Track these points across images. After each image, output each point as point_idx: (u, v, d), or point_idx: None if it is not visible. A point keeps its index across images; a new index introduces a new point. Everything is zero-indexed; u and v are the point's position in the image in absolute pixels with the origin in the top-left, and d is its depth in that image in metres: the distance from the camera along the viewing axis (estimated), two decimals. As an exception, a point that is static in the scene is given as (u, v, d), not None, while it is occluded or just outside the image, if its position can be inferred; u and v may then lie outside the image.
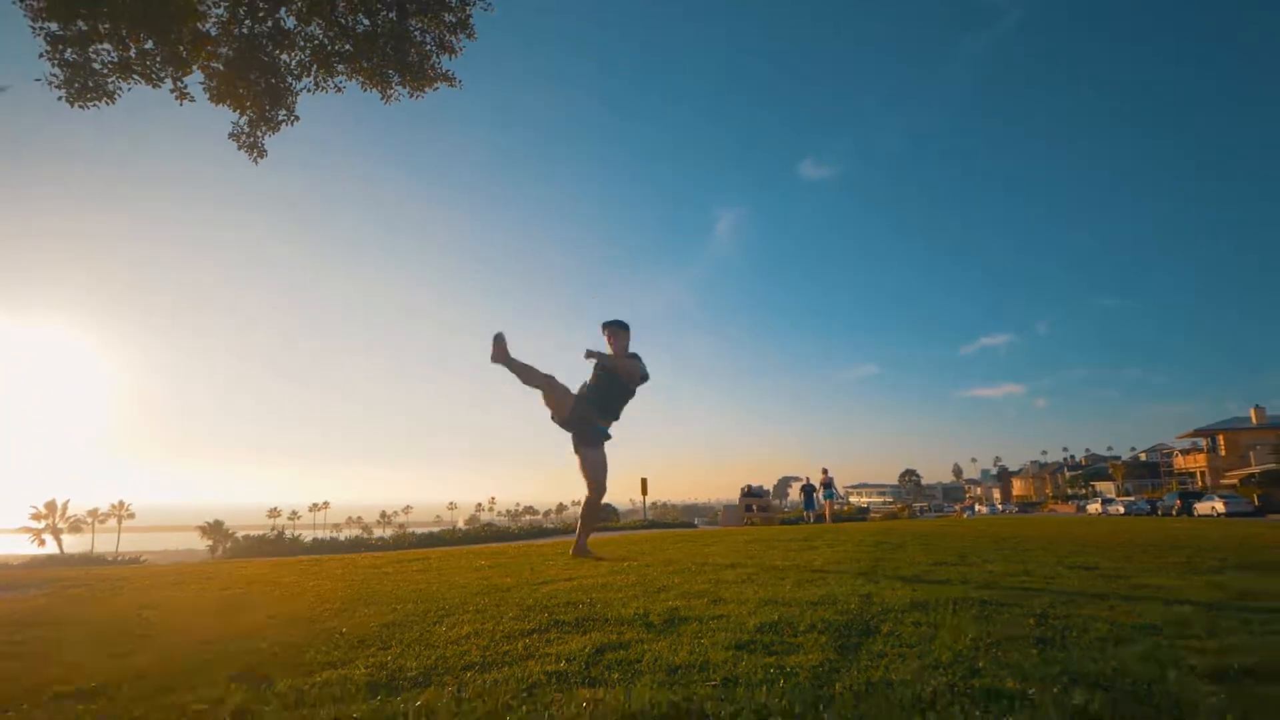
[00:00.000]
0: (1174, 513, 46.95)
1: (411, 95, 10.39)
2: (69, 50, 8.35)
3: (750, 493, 26.24)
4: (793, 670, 2.01)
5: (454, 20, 10.28)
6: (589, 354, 6.10)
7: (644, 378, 6.38)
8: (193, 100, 9.32)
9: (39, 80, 8.10)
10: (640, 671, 2.03)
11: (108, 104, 8.65)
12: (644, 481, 24.39)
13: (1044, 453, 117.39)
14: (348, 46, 10.17)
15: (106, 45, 8.61)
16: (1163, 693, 1.75)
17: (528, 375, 6.24)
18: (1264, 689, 1.80)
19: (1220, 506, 44.98)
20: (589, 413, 6.29)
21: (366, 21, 10.12)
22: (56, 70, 8.27)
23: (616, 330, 6.35)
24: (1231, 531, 12.24)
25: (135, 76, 8.72)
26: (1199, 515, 43.67)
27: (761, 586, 3.98)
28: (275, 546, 19.42)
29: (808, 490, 27.26)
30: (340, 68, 10.24)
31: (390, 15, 10.18)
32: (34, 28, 8.18)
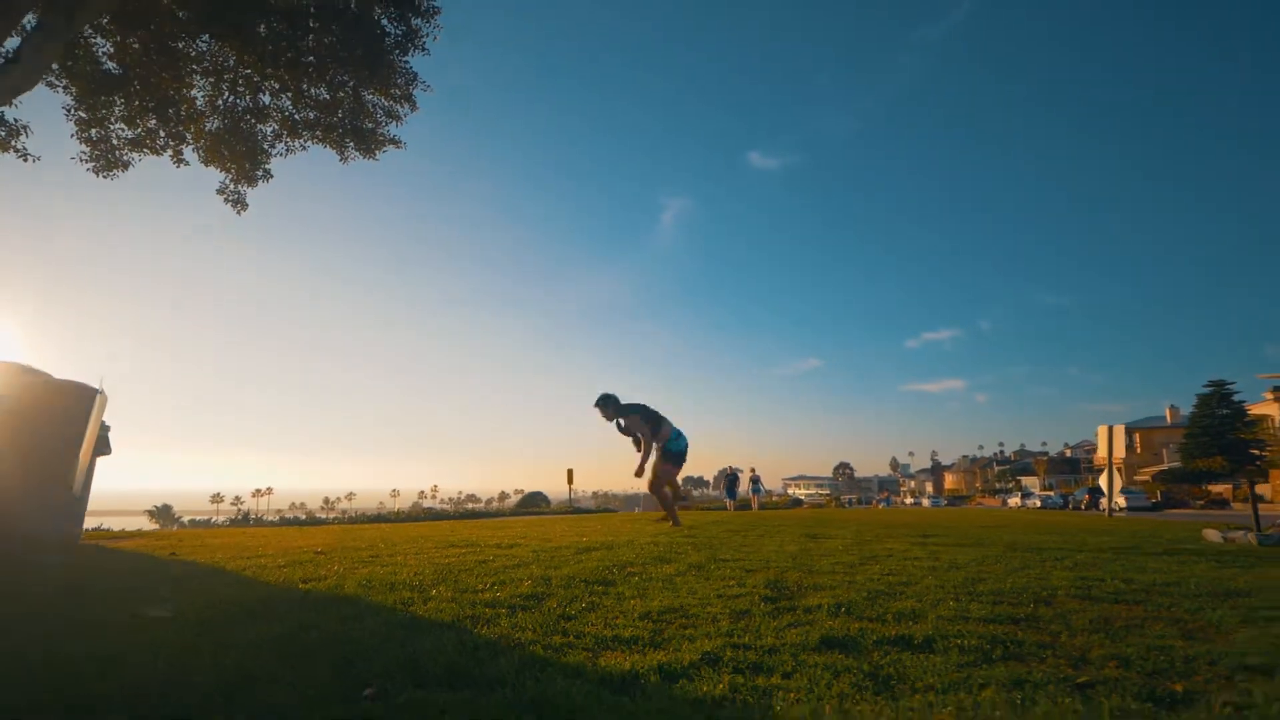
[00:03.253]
0: (1082, 507, 52.16)
1: (365, 157, 13.27)
2: (93, 130, 11.09)
3: (668, 484, 30.22)
4: (548, 556, 5.23)
5: (399, 94, 13.20)
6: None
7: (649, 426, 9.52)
8: (188, 164, 12.11)
9: (74, 158, 10.83)
10: (480, 552, 5.24)
11: (122, 173, 11.39)
12: (570, 472, 27.70)
13: (980, 447, 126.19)
14: (311, 114, 13.04)
15: (121, 125, 11.37)
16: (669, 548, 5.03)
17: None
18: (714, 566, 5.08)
19: (1121, 501, 50.36)
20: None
21: (327, 95, 12.96)
22: (84, 149, 11.00)
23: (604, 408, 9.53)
24: (1046, 519, 16.11)
25: (144, 149, 11.49)
26: (1102, 509, 48.93)
27: (578, 535, 7.25)
28: (241, 526, 22.10)
29: (730, 479, 30.99)
30: (305, 134, 13.09)
31: (349, 89, 13.06)
32: (67, 114, 10.90)
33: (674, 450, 9.84)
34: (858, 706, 1.77)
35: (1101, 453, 17.66)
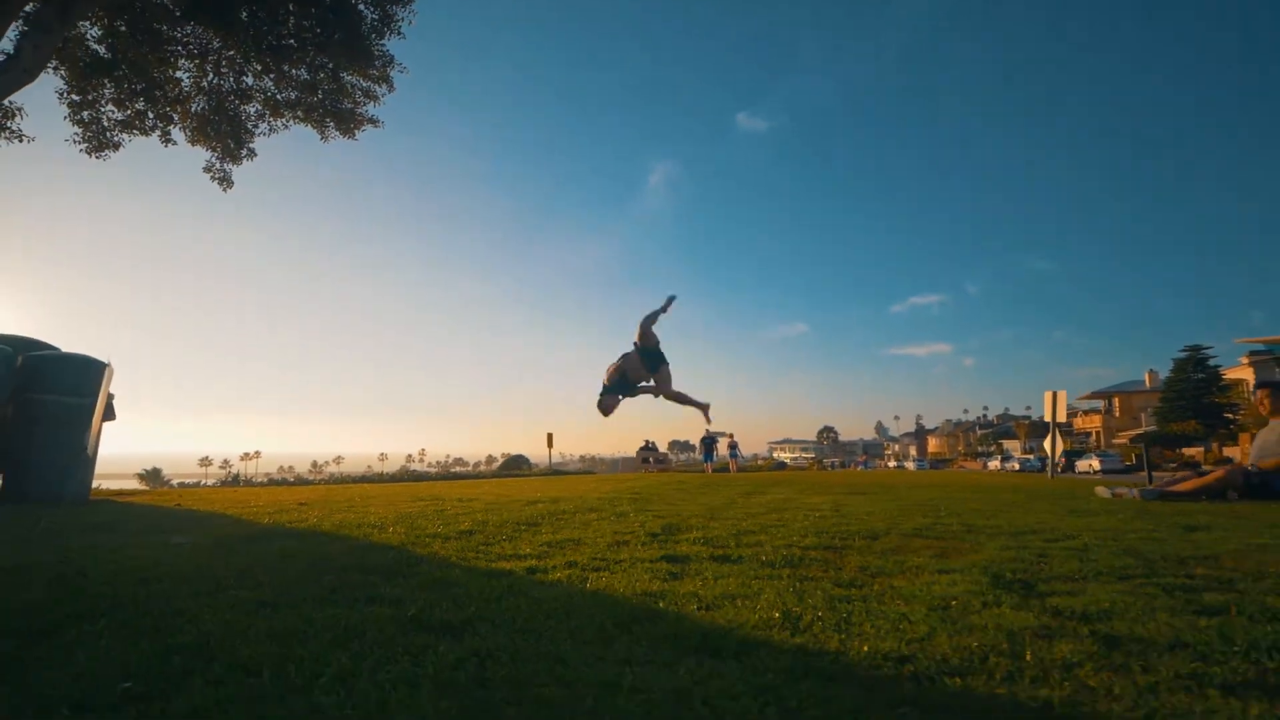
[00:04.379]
0: (1058, 470, 53.97)
1: (344, 136, 14.03)
2: (85, 112, 11.85)
3: (646, 448, 31.47)
4: (498, 507, 6.28)
5: (377, 75, 13.93)
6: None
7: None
8: (175, 144, 12.88)
9: (68, 140, 11.62)
10: (442, 503, 6.29)
11: (113, 153, 12.18)
12: (549, 436, 28.88)
13: (965, 411, 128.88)
14: (293, 95, 13.77)
15: (111, 107, 12.12)
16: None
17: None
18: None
19: (1096, 464, 52.14)
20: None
21: (308, 77, 13.68)
22: (77, 130, 11.77)
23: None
24: (994, 480, 17.29)
25: (134, 130, 12.25)
26: (1079, 472, 50.71)
27: (537, 492, 8.32)
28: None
29: (707, 443, 32.20)
30: (286, 114, 13.84)
31: (328, 71, 13.77)
32: (60, 98, 11.65)
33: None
34: (640, 584, 2.81)
35: (1046, 416, 18.79)
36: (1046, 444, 18.71)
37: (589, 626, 2.09)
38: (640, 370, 8.25)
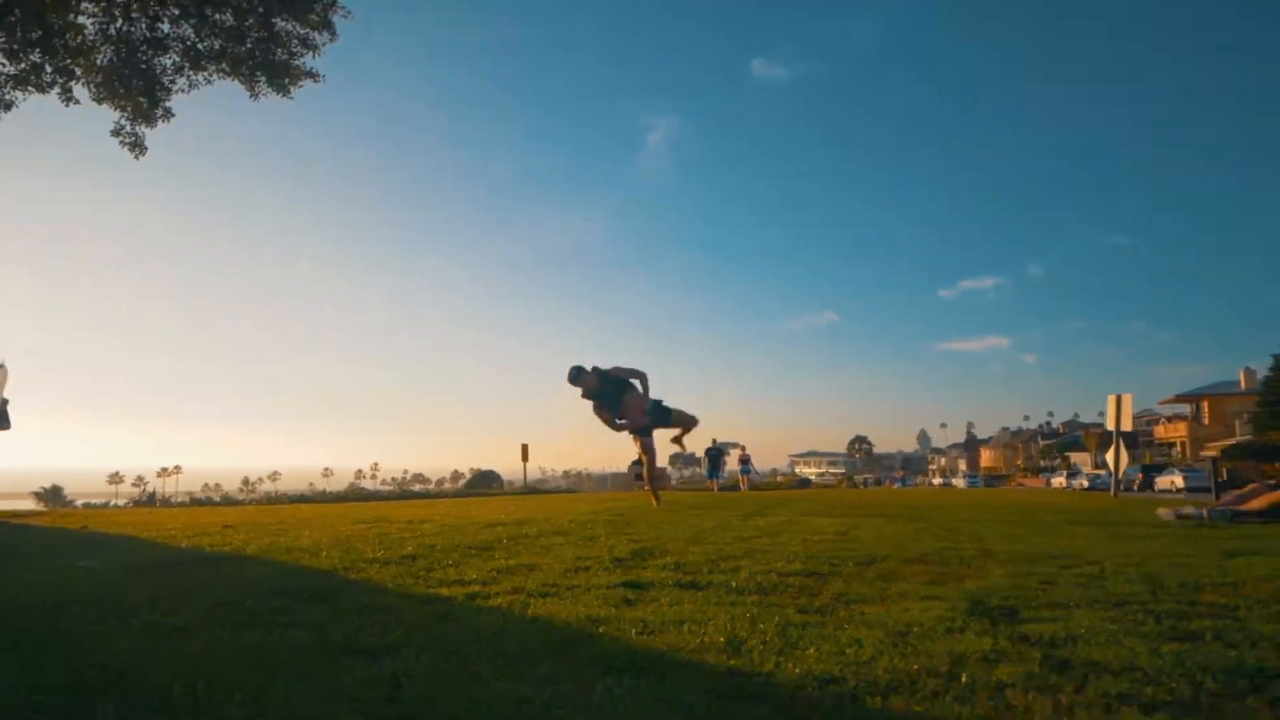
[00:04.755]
0: (1134, 487, 54.37)
1: (278, 93, 14.29)
2: (-30, 68, 12.13)
3: (637, 462, 31.92)
4: (452, 530, 6.62)
5: (316, 20, 14.20)
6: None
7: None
8: (79, 103, 13.17)
9: (-49, 99, 11.89)
10: (387, 525, 6.63)
11: (4, 114, 12.46)
12: (524, 448, 29.13)
13: (1026, 418, 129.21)
14: (217, 44, 14.05)
15: (1, 59, 12.40)
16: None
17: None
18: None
19: (1179, 481, 52.44)
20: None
21: (234, 22, 13.96)
22: (-38, 88, 12.05)
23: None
24: (1047, 500, 17.70)
25: (29, 86, 12.54)
26: (1159, 490, 51.18)
27: (500, 513, 8.67)
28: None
29: (713, 456, 32.48)
30: (209, 66, 14.12)
31: (258, 14, 14.05)
32: (-60, 50, 11.92)
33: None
34: (587, 610, 3.13)
35: (1109, 424, 19.15)
36: (1109, 457, 19.06)
37: (517, 650, 2.42)
38: (638, 409, 9.69)
